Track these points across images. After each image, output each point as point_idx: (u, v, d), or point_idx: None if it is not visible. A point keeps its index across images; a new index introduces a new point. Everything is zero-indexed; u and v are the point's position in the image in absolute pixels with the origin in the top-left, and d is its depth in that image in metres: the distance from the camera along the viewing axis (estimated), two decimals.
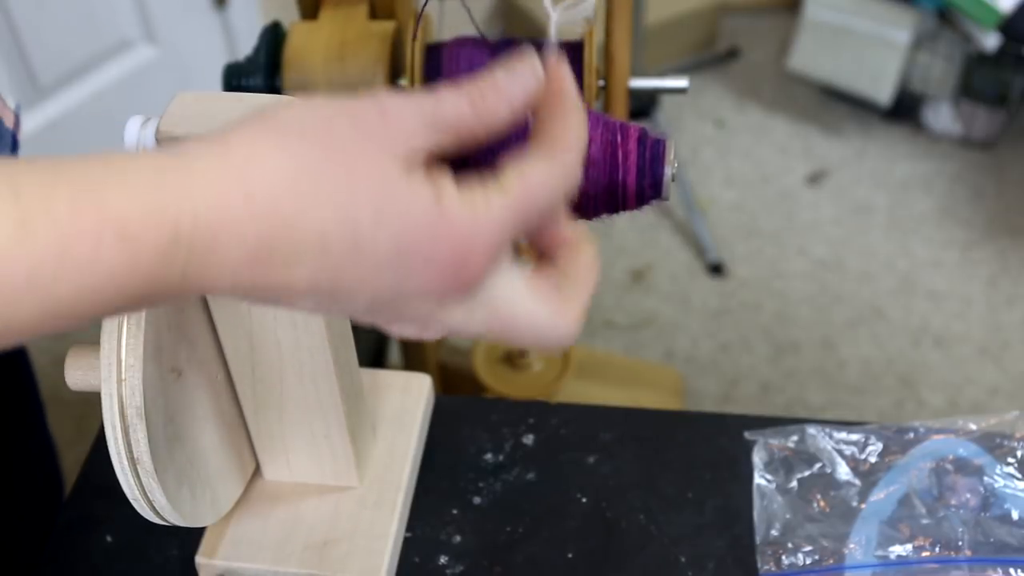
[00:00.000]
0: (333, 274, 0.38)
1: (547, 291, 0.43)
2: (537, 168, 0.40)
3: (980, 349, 1.88)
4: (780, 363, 1.86)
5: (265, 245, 0.36)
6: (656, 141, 0.48)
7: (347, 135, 0.38)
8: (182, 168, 0.36)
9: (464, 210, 0.38)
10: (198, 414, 0.57)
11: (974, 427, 0.72)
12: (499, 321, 0.41)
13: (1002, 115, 2.21)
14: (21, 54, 1.72)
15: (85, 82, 1.86)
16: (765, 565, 0.66)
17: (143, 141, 0.47)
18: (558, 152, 0.41)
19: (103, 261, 0.33)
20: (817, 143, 2.30)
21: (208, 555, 0.65)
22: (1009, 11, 1.95)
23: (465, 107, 0.40)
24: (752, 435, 0.72)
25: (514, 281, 0.42)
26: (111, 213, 0.33)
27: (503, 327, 0.42)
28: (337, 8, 0.80)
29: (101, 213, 0.33)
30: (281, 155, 0.37)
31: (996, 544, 0.66)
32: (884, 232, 2.10)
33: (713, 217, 2.13)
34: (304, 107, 0.39)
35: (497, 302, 0.41)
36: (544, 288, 0.43)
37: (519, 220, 0.40)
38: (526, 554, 0.68)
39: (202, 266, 0.36)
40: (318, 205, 0.37)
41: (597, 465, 0.72)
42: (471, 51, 0.77)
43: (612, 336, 1.91)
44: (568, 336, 0.43)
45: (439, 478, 0.72)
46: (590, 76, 0.75)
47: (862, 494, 0.69)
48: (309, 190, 0.36)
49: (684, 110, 2.38)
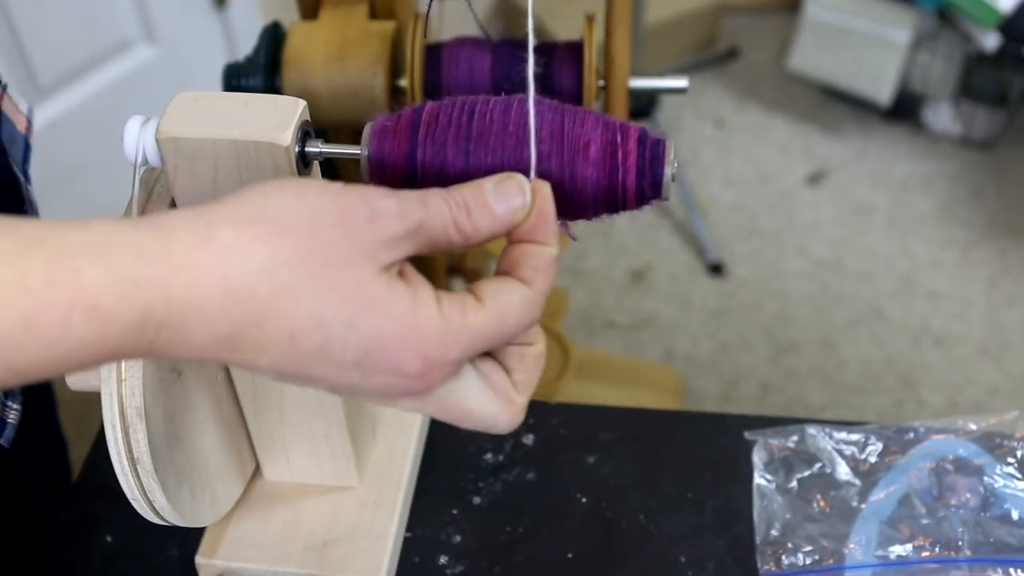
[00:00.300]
0: (298, 364, 0.39)
1: (496, 388, 0.44)
2: (516, 295, 0.42)
3: (980, 349, 1.88)
4: (780, 363, 1.86)
5: (236, 333, 0.37)
6: (656, 141, 0.48)
7: (332, 236, 0.38)
8: (163, 249, 0.36)
9: (438, 320, 0.39)
10: (198, 414, 0.57)
11: (974, 427, 0.72)
12: (448, 412, 0.43)
13: (1002, 115, 2.21)
14: (21, 54, 1.72)
15: (85, 82, 1.86)
16: (765, 565, 0.66)
17: (143, 141, 0.47)
18: (536, 282, 0.42)
19: (71, 335, 0.34)
20: (817, 143, 2.30)
21: (208, 555, 0.65)
22: (1009, 11, 1.95)
23: (450, 223, 0.41)
24: (752, 435, 0.72)
25: (468, 381, 0.43)
26: (85, 289, 0.33)
27: (452, 417, 0.43)
28: (337, 8, 0.80)
29: (74, 288, 0.33)
30: (264, 249, 0.37)
31: (996, 544, 0.66)
32: (884, 232, 2.10)
33: (713, 217, 2.13)
34: (293, 198, 0.39)
35: (451, 396, 0.42)
36: (493, 384, 0.44)
37: (488, 340, 0.41)
38: (526, 554, 0.68)
39: (169, 342, 0.36)
40: (293, 303, 0.37)
41: (597, 465, 0.72)
42: (471, 51, 0.77)
43: (612, 336, 1.91)
44: (513, 425, 0.45)
45: (439, 478, 0.72)
46: (590, 76, 0.75)
47: (862, 494, 0.69)
48: (287, 287, 0.37)
49: (684, 110, 2.38)
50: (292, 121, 0.46)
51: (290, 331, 0.37)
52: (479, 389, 0.43)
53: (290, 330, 0.37)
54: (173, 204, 0.50)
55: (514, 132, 0.47)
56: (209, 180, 0.47)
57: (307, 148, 0.48)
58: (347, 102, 0.76)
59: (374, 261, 0.39)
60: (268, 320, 0.37)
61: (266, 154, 0.46)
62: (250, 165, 0.46)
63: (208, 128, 0.46)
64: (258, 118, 0.46)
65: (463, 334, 0.40)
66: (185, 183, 0.48)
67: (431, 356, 0.39)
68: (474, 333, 0.40)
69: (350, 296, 0.38)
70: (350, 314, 0.38)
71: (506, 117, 0.47)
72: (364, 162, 0.48)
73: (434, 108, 0.48)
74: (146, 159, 0.48)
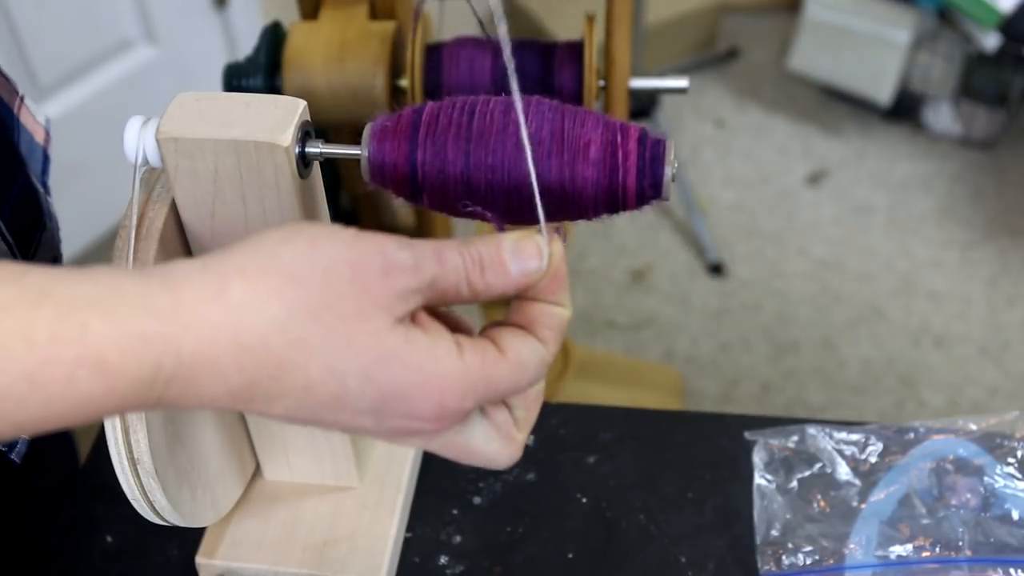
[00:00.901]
0: (312, 412, 0.38)
1: (499, 426, 0.44)
2: (535, 353, 0.42)
3: (980, 349, 1.88)
4: (780, 363, 1.86)
5: (248, 386, 0.36)
6: (656, 141, 0.48)
7: (345, 289, 0.38)
8: (172, 302, 0.35)
9: (459, 370, 0.39)
10: (198, 415, 0.57)
11: (974, 427, 0.72)
12: (452, 450, 0.43)
13: (1002, 115, 2.21)
14: (21, 54, 1.72)
15: (85, 82, 1.86)
16: (765, 565, 0.66)
17: (143, 141, 0.47)
18: (551, 343, 0.43)
19: (76, 390, 0.33)
20: (817, 143, 2.30)
21: (208, 555, 0.65)
22: (1009, 11, 1.95)
23: (463, 279, 0.41)
24: (752, 435, 0.72)
25: (474, 422, 0.43)
26: (91, 344, 0.33)
27: (455, 455, 0.44)
28: (337, 8, 0.80)
29: (81, 343, 0.33)
30: (276, 303, 0.36)
31: (996, 544, 0.66)
32: (884, 232, 2.10)
33: (713, 217, 2.13)
34: (305, 246, 0.38)
35: (457, 437, 0.43)
36: (497, 424, 0.44)
37: (504, 393, 0.41)
38: (526, 554, 0.68)
39: (180, 395, 0.36)
40: (308, 356, 0.37)
41: (597, 465, 0.72)
42: (471, 51, 0.77)
43: (612, 336, 1.91)
44: (512, 460, 0.45)
45: (439, 478, 0.72)
46: (590, 76, 0.75)
47: (862, 494, 0.69)
48: (300, 340, 0.37)
49: (684, 110, 2.38)
50: (292, 121, 0.46)
51: (304, 382, 0.37)
52: (483, 429, 0.44)
53: (304, 382, 0.37)
54: (173, 204, 0.50)
55: (514, 132, 0.47)
56: (209, 180, 0.47)
57: (307, 148, 0.48)
58: (347, 102, 0.76)
59: (388, 314, 0.38)
60: (282, 372, 0.37)
61: (266, 154, 0.46)
62: (250, 165, 0.46)
63: (208, 128, 0.46)
64: (258, 118, 0.46)
65: (482, 384, 0.40)
66: (185, 183, 0.48)
67: (449, 404, 0.40)
68: (492, 384, 0.40)
69: (365, 349, 0.38)
70: (365, 366, 0.38)
71: (506, 117, 0.47)
72: (364, 162, 0.48)
73: (434, 108, 0.48)
74: (146, 159, 0.48)
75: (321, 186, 0.51)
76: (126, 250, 0.48)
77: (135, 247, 0.48)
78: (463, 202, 0.48)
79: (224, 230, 0.50)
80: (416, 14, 0.75)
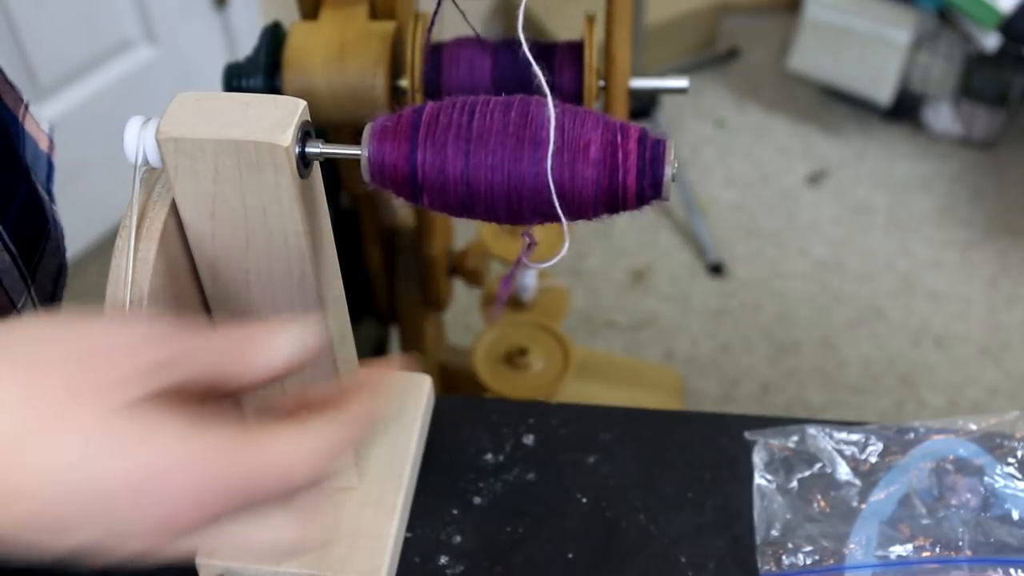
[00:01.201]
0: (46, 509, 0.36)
1: None
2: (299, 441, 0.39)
3: (980, 349, 1.88)
4: (780, 363, 1.86)
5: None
6: (656, 141, 0.48)
7: (59, 383, 0.36)
8: None
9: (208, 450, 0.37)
10: None
11: (974, 427, 0.72)
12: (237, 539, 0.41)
13: (1002, 115, 2.21)
14: (21, 54, 1.72)
15: (85, 82, 1.86)
16: (765, 565, 0.66)
17: (143, 141, 0.47)
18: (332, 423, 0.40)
19: None
20: (817, 143, 2.30)
21: (208, 555, 0.65)
22: (1009, 11, 1.95)
23: (218, 357, 0.38)
24: (752, 435, 0.72)
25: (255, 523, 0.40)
26: None
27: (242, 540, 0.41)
28: (337, 8, 0.80)
29: None
30: (14, 389, 0.36)
31: (996, 544, 0.66)
32: (884, 232, 2.10)
33: (713, 217, 2.13)
34: (33, 334, 0.38)
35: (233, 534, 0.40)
36: None
37: (244, 494, 0.38)
38: (526, 554, 0.68)
39: None
40: (39, 445, 0.35)
41: (597, 465, 0.72)
42: (471, 51, 0.78)
43: (612, 336, 1.91)
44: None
45: (439, 478, 0.72)
46: (590, 76, 0.75)
47: (862, 494, 0.69)
48: (30, 428, 0.36)
49: (684, 110, 2.38)
50: (292, 121, 0.46)
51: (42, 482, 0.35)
52: None
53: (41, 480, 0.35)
54: (173, 204, 0.50)
55: (514, 132, 0.47)
56: (209, 180, 0.47)
57: (307, 148, 0.48)
58: (347, 102, 0.76)
59: (107, 404, 0.36)
60: (9, 474, 0.35)
61: (266, 154, 0.46)
62: (250, 165, 0.46)
63: (208, 128, 0.46)
64: (258, 118, 0.46)
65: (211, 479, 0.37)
66: (185, 183, 0.48)
67: (180, 499, 0.37)
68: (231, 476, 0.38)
69: (100, 431, 0.36)
70: (80, 458, 0.36)
71: (506, 117, 0.47)
72: (364, 162, 0.48)
73: (434, 108, 0.48)
74: (146, 159, 0.48)
75: (321, 186, 0.51)
76: (126, 250, 0.48)
77: (135, 247, 0.48)
78: (463, 202, 0.48)
79: (224, 230, 0.50)
80: (425, 17, 0.75)
